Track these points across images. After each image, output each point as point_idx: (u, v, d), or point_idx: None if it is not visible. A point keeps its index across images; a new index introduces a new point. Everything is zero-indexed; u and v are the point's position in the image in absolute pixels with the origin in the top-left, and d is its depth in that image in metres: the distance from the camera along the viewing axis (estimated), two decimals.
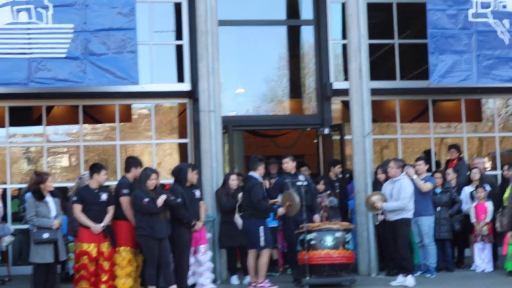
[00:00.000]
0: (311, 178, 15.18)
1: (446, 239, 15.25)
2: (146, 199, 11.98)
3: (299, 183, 13.92)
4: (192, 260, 13.00)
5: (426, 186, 14.68)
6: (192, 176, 13.13)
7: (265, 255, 13.37)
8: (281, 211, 13.53)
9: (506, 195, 14.78)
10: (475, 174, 15.63)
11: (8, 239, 13.25)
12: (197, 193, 13.31)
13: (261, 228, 13.34)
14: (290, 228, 13.82)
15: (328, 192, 15.55)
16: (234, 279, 14.45)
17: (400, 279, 13.70)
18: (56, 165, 18.43)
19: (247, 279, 13.92)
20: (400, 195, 13.65)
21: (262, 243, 13.28)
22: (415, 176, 14.53)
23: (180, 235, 12.52)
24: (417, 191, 14.38)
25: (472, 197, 15.36)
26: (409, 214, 13.80)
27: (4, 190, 15.92)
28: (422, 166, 15.01)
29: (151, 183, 12.12)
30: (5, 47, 14.67)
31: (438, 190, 15.24)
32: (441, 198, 15.14)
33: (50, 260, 12.25)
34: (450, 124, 19.48)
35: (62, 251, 12.47)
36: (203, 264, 13.22)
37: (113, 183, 15.62)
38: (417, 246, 14.90)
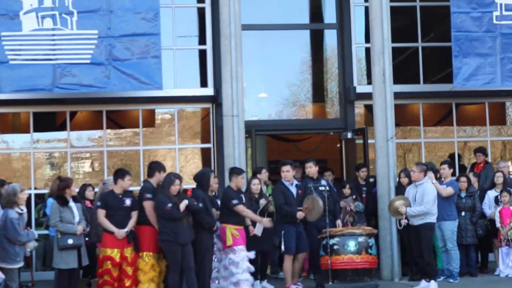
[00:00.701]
0: (335, 182, 15.13)
1: (470, 244, 15.17)
2: (169, 204, 11.99)
3: (321, 188, 13.90)
4: (215, 264, 13.00)
5: (446, 191, 14.59)
6: (213, 183, 13.16)
7: (286, 260, 13.47)
8: (300, 215, 13.40)
9: None
10: (499, 178, 15.53)
11: (32, 244, 13.28)
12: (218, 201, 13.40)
13: (283, 233, 13.38)
14: (312, 234, 13.79)
15: (354, 196, 15.48)
16: (257, 285, 14.27)
17: (423, 284, 13.63)
18: (79, 171, 18.50)
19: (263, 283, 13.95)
20: (423, 199, 13.59)
21: (282, 248, 13.33)
22: (434, 181, 14.43)
23: (201, 240, 12.50)
24: (440, 196, 14.31)
25: (497, 201, 15.26)
26: (433, 219, 13.73)
27: (29, 196, 15.99)
28: (446, 170, 14.93)
29: (175, 188, 12.14)
30: (30, 53, 14.79)
31: (463, 194, 15.16)
32: (465, 203, 15.05)
33: (74, 266, 12.27)
34: (474, 128, 19.37)
35: (84, 257, 12.50)
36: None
37: (136, 188, 15.67)
38: (440, 250, 14.82)
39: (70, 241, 12.17)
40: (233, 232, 12.89)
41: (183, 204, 12.04)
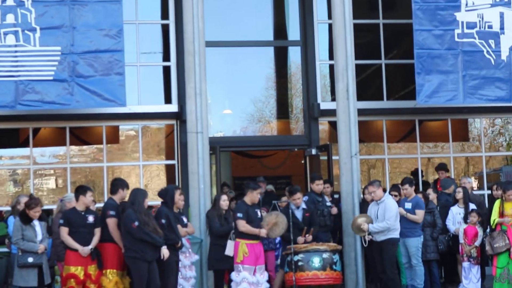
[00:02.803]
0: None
1: (432, 260, 15.25)
2: (136, 223, 11.91)
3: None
4: (237, 278, 12.96)
5: (420, 217, 14.69)
6: (178, 199, 13.13)
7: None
8: (263, 231, 13.24)
9: (494, 217, 14.72)
10: (458, 194, 15.63)
11: None
12: (185, 219, 13.38)
13: None
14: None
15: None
16: None
17: None
18: (43, 187, 18.35)
19: None
20: (385, 216, 13.67)
21: None
22: (404, 212, 14.48)
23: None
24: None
25: (466, 219, 15.30)
26: (395, 234, 13.81)
27: None
28: (408, 189, 14.94)
29: (146, 204, 12.13)
30: None
31: None
32: (425, 219, 15.11)
33: (33, 284, 12.15)
34: (437, 144, 19.52)
35: (47, 275, 12.37)
36: (260, 284, 13.14)
37: (100, 205, 15.57)
38: (403, 267, 14.87)
39: (30, 260, 12.07)
40: (243, 250, 12.92)
41: (165, 253, 12.03)
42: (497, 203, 14.73)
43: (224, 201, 13.94)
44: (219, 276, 13.80)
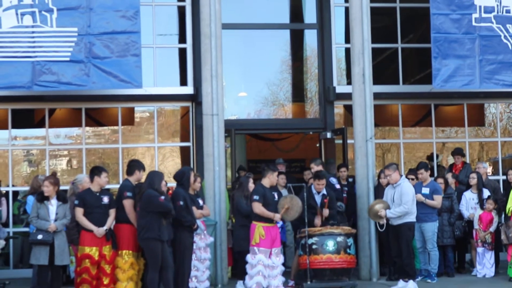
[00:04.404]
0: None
1: (448, 245, 15.25)
2: (162, 197, 11.95)
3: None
4: (253, 260, 12.96)
5: (438, 202, 14.70)
6: (194, 181, 13.15)
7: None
8: (278, 216, 13.19)
9: (510, 205, 14.70)
10: (473, 180, 15.61)
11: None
12: (200, 201, 13.41)
13: None
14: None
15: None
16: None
17: (401, 284, 13.68)
18: (57, 168, 18.41)
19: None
20: (402, 200, 13.62)
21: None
22: (423, 198, 14.46)
23: (181, 238, 12.46)
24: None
25: (481, 205, 15.29)
26: (412, 218, 13.76)
27: (7, 192, 15.95)
28: (424, 174, 14.93)
29: (164, 185, 12.18)
30: (9, 50, 14.68)
31: None
32: (443, 204, 15.09)
33: (44, 262, 12.19)
34: (452, 129, 19.47)
35: (60, 256, 12.37)
36: (276, 267, 13.15)
37: (114, 186, 15.64)
38: (417, 251, 14.88)
39: (40, 236, 12.13)
40: (260, 232, 12.92)
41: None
42: None
43: (253, 184, 13.95)
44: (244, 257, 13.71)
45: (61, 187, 13.11)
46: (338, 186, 15.03)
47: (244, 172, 16.47)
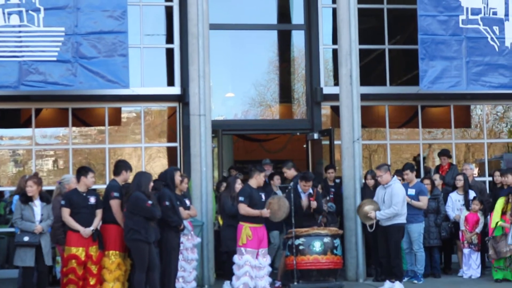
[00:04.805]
0: None
1: (434, 246, 15.28)
2: (150, 202, 11.92)
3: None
4: (240, 261, 12.96)
5: (424, 203, 14.72)
6: (179, 181, 13.13)
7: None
8: (265, 211, 13.17)
9: (496, 219, 14.69)
10: (459, 181, 15.64)
11: None
12: (187, 201, 13.39)
13: None
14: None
15: (328, 197, 15.51)
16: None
17: (387, 285, 13.70)
18: (43, 168, 18.34)
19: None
20: (392, 201, 13.60)
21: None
22: (408, 199, 14.45)
23: (167, 239, 12.46)
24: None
25: (467, 206, 15.32)
26: (402, 219, 13.74)
27: None
28: (409, 174, 14.94)
29: (151, 186, 12.16)
30: None
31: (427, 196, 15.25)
32: (429, 205, 15.12)
33: (30, 264, 12.13)
34: (439, 130, 19.51)
35: (48, 256, 12.34)
36: (263, 268, 13.15)
37: (101, 187, 15.60)
38: (404, 252, 14.90)
39: (26, 238, 12.06)
40: (247, 233, 12.93)
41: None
42: (500, 202, 14.74)
43: (239, 185, 13.95)
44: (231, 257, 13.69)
45: (47, 188, 13.10)
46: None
47: (235, 172, 16.48)
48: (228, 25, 17.69)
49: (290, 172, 14.79)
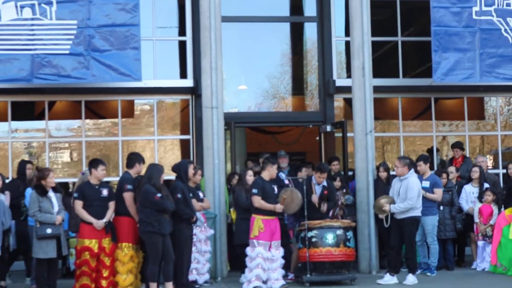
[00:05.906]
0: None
1: (448, 238, 15.25)
2: (159, 195, 11.95)
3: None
4: (252, 253, 12.96)
5: (438, 196, 14.68)
6: (192, 174, 13.16)
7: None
8: (278, 207, 13.17)
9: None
10: (475, 173, 15.60)
11: None
12: (201, 193, 13.41)
13: None
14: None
15: (344, 190, 15.48)
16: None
17: (387, 277, 13.67)
18: (57, 160, 18.41)
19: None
20: (407, 195, 13.50)
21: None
22: (423, 191, 14.37)
23: (180, 231, 12.47)
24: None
25: (480, 198, 15.29)
26: (416, 212, 13.65)
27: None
28: (422, 166, 14.85)
29: (162, 178, 12.19)
30: (9, 43, 14.71)
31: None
32: (444, 197, 15.07)
33: (53, 255, 12.25)
34: (452, 122, 19.45)
35: (64, 247, 12.47)
36: (276, 260, 13.15)
37: (114, 179, 15.64)
38: (417, 244, 14.84)
39: (49, 231, 12.14)
40: (259, 225, 12.93)
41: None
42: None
43: (250, 176, 13.96)
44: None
45: (62, 180, 13.12)
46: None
47: (252, 164, 16.44)
48: (241, 18, 17.66)
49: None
